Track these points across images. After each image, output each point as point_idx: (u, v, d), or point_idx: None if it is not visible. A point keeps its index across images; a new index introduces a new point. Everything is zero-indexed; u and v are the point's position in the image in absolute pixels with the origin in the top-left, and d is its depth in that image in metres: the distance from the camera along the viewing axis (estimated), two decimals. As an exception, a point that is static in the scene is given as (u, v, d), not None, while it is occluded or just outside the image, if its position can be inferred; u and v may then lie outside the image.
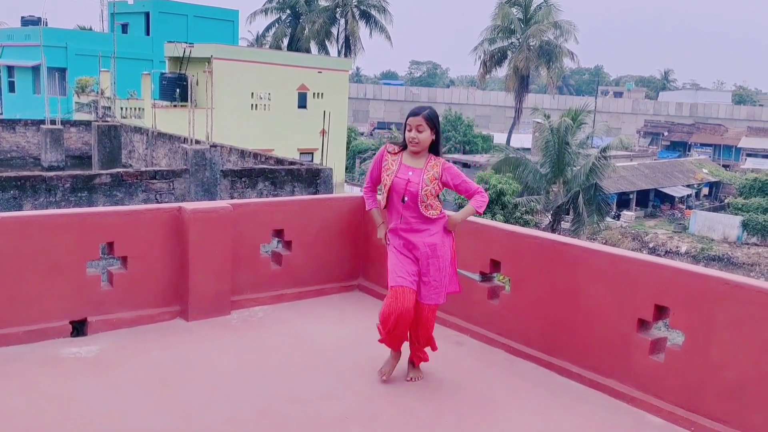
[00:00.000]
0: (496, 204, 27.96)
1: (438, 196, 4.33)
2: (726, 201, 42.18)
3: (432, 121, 4.22)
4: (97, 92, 27.09)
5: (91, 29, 45.94)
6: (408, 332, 4.41)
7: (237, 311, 5.51)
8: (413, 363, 4.56)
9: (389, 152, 4.38)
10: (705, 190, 46.92)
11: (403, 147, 4.35)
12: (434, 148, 4.31)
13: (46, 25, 35.91)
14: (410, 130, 4.22)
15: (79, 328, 4.91)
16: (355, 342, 5.02)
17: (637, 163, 46.26)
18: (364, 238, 6.12)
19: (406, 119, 4.27)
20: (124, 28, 38.51)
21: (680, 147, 60.84)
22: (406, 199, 4.24)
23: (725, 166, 53.12)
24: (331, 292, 6.06)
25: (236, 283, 5.51)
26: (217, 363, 4.62)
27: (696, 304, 4.02)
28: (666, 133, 63.01)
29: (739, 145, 57.31)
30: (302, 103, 31.67)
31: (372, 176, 4.53)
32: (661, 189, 42.88)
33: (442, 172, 4.26)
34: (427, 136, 4.22)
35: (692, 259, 32.51)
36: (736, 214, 37.11)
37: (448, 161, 4.41)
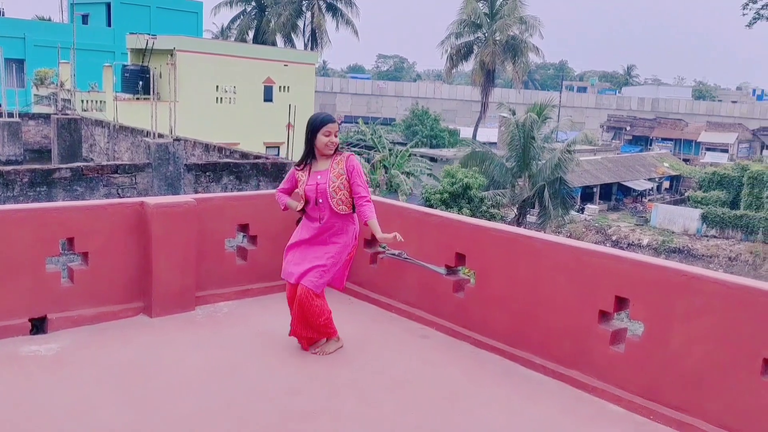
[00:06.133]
0: (463, 198, 28.13)
1: (349, 192, 4.54)
2: (686, 194, 43.09)
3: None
4: (57, 84, 26.49)
5: (50, 20, 44.84)
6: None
7: (201, 307, 5.46)
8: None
9: (297, 169, 4.66)
10: (666, 184, 47.83)
11: (306, 158, 4.62)
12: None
13: (3, 15, 35.00)
14: (328, 135, 4.52)
15: (38, 326, 4.81)
16: (321, 336, 5.00)
17: (601, 157, 46.92)
18: (330, 232, 6.09)
19: (322, 126, 4.52)
20: (85, 18, 37.70)
21: (642, 141, 61.93)
22: (320, 201, 4.52)
23: (685, 160, 54.23)
24: (297, 287, 6.02)
25: (201, 279, 5.46)
26: (182, 359, 4.57)
27: (655, 296, 4.11)
28: (628, 128, 64.04)
29: (698, 140, 58.54)
30: (268, 97, 31.39)
31: (285, 185, 4.82)
32: (623, 183, 43.60)
33: (347, 166, 4.55)
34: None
35: (653, 252, 33.17)
36: (696, 207, 37.96)
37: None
